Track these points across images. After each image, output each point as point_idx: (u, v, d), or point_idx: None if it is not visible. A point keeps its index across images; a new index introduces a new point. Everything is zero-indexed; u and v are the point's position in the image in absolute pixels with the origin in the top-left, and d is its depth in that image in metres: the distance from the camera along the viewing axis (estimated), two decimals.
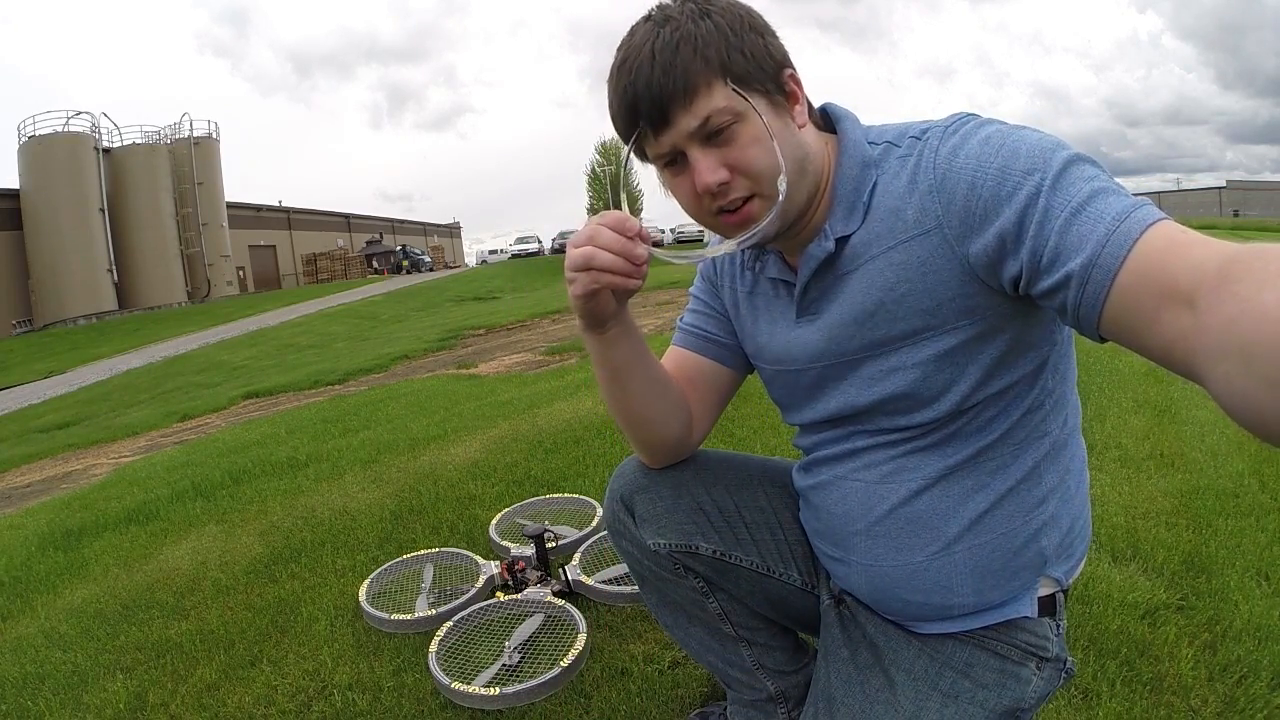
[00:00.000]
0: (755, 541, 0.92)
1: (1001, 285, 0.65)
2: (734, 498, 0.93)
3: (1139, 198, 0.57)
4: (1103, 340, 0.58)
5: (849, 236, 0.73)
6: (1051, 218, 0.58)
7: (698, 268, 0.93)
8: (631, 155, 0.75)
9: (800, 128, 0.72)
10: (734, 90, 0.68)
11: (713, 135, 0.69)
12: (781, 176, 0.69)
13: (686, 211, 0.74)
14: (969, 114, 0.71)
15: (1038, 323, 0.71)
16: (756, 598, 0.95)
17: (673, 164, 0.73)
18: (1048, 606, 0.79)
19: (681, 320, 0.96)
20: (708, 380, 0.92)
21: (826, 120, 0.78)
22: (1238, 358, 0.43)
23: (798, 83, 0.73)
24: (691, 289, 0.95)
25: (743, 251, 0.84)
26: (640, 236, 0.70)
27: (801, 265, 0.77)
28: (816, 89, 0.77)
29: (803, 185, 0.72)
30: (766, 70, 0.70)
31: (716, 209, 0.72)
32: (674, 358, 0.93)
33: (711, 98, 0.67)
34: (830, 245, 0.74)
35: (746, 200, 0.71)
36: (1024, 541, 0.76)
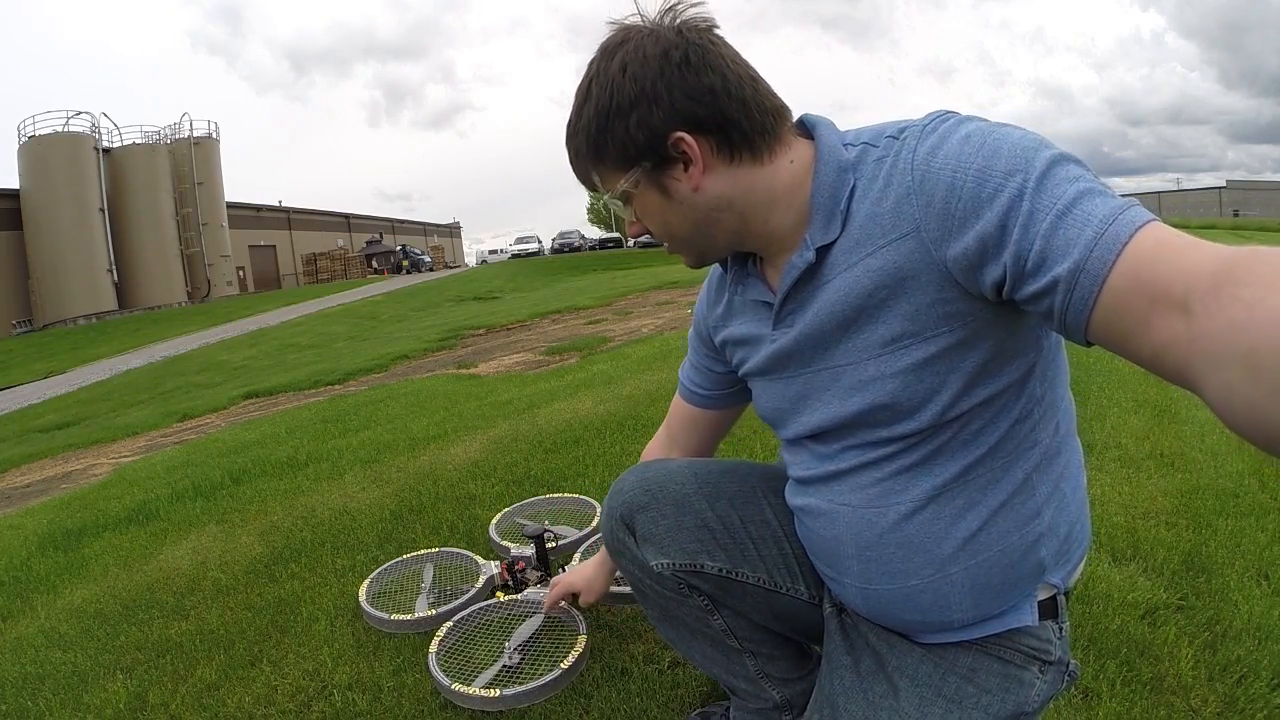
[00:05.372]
0: (762, 557, 0.90)
1: (982, 290, 0.63)
2: (738, 512, 0.90)
3: (1128, 198, 0.55)
4: (1089, 345, 0.57)
5: (830, 245, 0.72)
6: (1036, 220, 0.56)
7: (693, 312, 1.01)
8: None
9: (695, 190, 0.73)
10: (616, 174, 0.75)
11: (626, 200, 0.77)
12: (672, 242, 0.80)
13: None
14: (948, 111, 0.68)
15: (1022, 329, 0.69)
16: (763, 613, 0.93)
17: None
18: (1049, 610, 0.78)
19: (680, 369, 1.05)
20: (701, 424, 1.05)
21: (805, 130, 0.76)
22: (1241, 365, 0.40)
23: (688, 144, 0.71)
24: (689, 333, 1.01)
25: (726, 276, 0.87)
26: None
27: (783, 277, 0.76)
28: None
29: (722, 226, 0.76)
30: (639, 147, 0.72)
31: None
32: (675, 406, 1.07)
33: (602, 181, 0.77)
34: (811, 255, 0.72)
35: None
36: (1021, 554, 0.74)
